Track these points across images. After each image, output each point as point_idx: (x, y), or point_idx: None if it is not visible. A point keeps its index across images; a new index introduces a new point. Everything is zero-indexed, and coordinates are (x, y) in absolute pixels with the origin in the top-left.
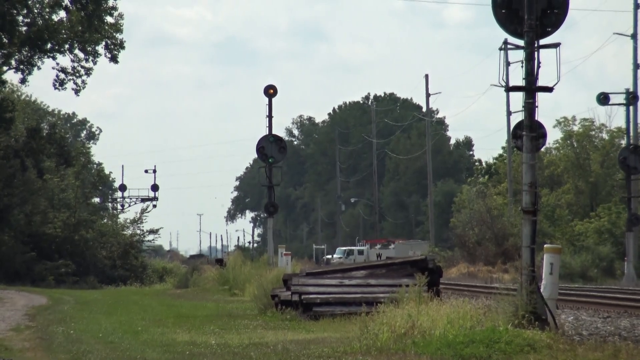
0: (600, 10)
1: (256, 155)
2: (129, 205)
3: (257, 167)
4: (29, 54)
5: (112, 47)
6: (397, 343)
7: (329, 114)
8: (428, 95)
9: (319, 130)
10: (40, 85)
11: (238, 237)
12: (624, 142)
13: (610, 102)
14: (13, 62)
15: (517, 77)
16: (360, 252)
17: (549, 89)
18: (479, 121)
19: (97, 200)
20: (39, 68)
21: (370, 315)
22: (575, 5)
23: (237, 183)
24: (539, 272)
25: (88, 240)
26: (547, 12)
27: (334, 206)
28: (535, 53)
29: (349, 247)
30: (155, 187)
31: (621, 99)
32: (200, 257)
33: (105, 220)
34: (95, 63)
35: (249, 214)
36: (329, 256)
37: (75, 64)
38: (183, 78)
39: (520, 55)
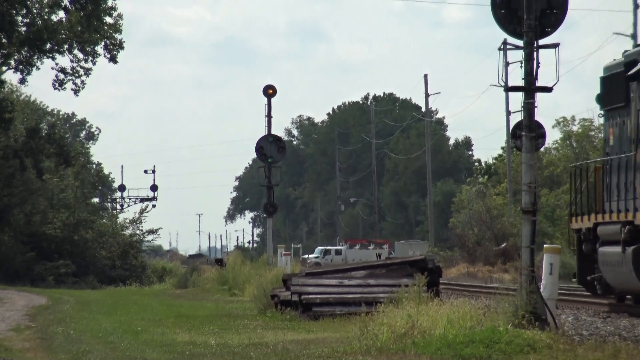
0: (600, 10)
1: (255, 155)
2: (129, 206)
3: (256, 167)
4: (28, 54)
5: (111, 47)
6: (397, 343)
7: (328, 114)
8: (427, 95)
9: (318, 130)
10: (40, 85)
11: (237, 237)
12: None
13: None
14: (12, 62)
15: (517, 77)
16: (338, 252)
17: (548, 89)
18: (479, 121)
19: (96, 200)
20: (38, 68)
21: (370, 315)
22: (575, 5)
23: (237, 183)
24: (538, 272)
25: (87, 240)
26: (547, 12)
27: (334, 206)
28: (535, 53)
29: (326, 247)
30: (154, 187)
31: None
32: (199, 257)
33: (105, 220)
34: (94, 63)
35: (249, 214)
36: (305, 256)
37: (75, 64)
38: (182, 78)
39: (519, 55)
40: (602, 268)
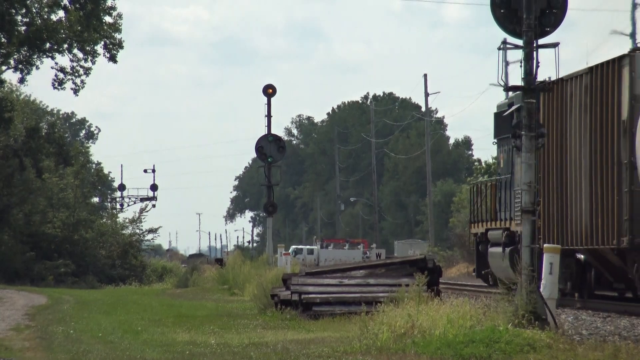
0: (599, 10)
1: (255, 155)
2: (128, 205)
3: (256, 167)
4: (28, 54)
5: (110, 47)
6: (397, 343)
7: (328, 113)
8: (427, 94)
9: (318, 130)
10: (39, 84)
11: (237, 237)
12: None
13: None
14: (12, 62)
15: (517, 76)
16: (310, 252)
17: (548, 89)
18: (479, 121)
19: (96, 200)
20: (37, 68)
21: (370, 314)
22: (574, 5)
23: (236, 183)
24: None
25: (87, 239)
26: (546, 11)
27: (333, 206)
28: (534, 53)
29: (299, 246)
30: (154, 187)
31: None
32: (199, 256)
33: (105, 220)
34: (94, 63)
35: (248, 214)
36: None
37: (74, 64)
38: (181, 78)
39: (519, 54)
40: (491, 264)
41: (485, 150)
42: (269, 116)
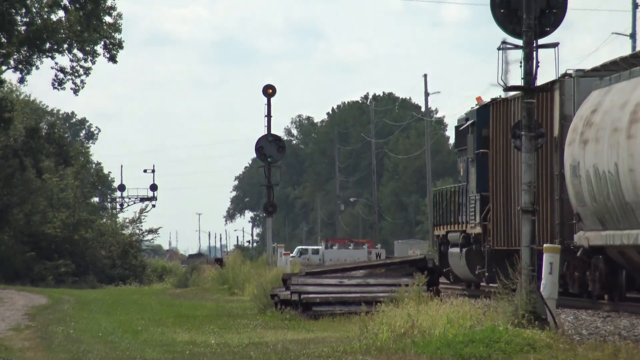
0: (599, 9)
1: (255, 155)
2: (128, 205)
3: (256, 167)
4: (28, 54)
5: (110, 47)
6: (397, 343)
7: (328, 113)
8: (427, 94)
9: (317, 130)
10: (39, 84)
11: (237, 237)
12: None
13: None
14: (12, 62)
15: (517, 76)
16: (315, 252)
17: (547, 89)
18: None
19: (96, 200)
20: (37, 68)
21: (370, 314)
22: (574, 5)
23: (236, 183)
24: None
25: (87, 240)
26: (546, 11)
27: (333, 206)
28: (534, 53)
29: (304, 247)
30: (154, 187)
31: None
32: (199, 256)
33: (105, 220)
34: (94, 63)
35: (248, 214)
36: None
37: (74, 64)
38: (181, 77)
39: (518, 54)
40: (451, 263)
41: None
42: (268, 116)
